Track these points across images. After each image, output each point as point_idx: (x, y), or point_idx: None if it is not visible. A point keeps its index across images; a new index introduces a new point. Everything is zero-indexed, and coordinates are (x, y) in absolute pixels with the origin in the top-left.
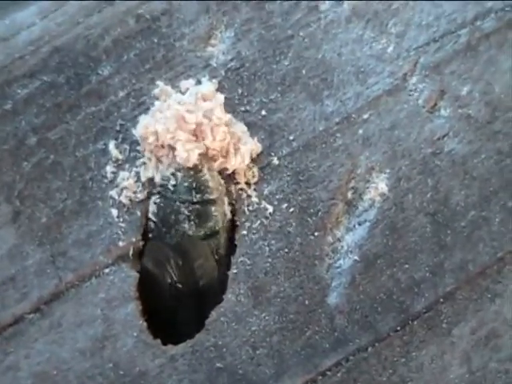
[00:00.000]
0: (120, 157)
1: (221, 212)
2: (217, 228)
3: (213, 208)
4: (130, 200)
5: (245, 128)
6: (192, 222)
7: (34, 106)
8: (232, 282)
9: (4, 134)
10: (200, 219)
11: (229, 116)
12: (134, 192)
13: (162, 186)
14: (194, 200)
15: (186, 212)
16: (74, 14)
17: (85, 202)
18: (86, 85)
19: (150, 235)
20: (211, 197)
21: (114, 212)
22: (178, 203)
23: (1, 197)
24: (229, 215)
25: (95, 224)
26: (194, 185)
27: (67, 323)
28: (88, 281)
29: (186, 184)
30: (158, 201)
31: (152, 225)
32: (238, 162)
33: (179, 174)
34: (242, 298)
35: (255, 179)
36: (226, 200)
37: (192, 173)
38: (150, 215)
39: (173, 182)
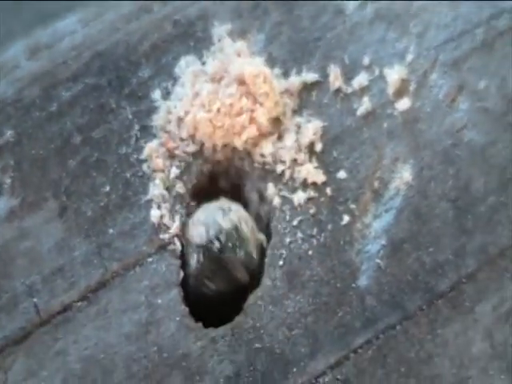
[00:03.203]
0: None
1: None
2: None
3: (254, 253)
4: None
5: None
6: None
7: (78, 107)
8: (268, 268)
9: (50, 134)
10: (244, 264)
11: None
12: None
13: (207, 248)
14: (239, 255)
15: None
16: (114, 21)
17: (128, 196)
18: (126, 86)
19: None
20: (251, 248)
21: (155, 204)
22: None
23: (48, 193)
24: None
25: (138, 216)
26: (238, 243)
27: (113, 310)
28: (132, 269)
29: (230, 244)
30: (201, 256)
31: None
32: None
33: (222, 237)
34: (277, 282)
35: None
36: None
37: (234, 232)
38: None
39: (218, 244)
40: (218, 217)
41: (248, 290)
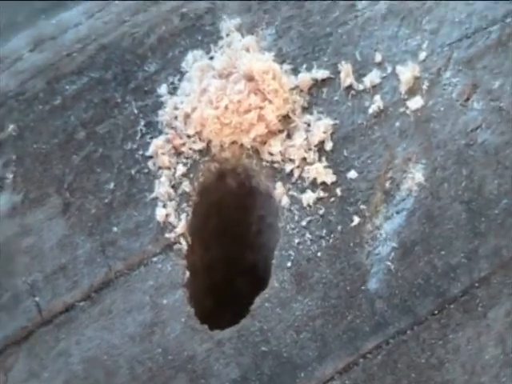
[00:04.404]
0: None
1: None
2: None
3: None
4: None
5: None
6: None
7: (83, 101)
8: (276, 270)
9: (54, 129)
10: None
11: None
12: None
13: None
14: None
15: None
16: (120, 12)
17: (133, 194)
18: (132, 81)
19: None
20: None
21: (161, 203)
22: None
23: (51, 189)
24: None
25: (143, 214)
26: None
27: (117, 310)
28: (137, 269)
29: None
30: None
31: None
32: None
33: None
34: (285, 284)
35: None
36: None
37: None
38: None
39: None
40: None
41: None
